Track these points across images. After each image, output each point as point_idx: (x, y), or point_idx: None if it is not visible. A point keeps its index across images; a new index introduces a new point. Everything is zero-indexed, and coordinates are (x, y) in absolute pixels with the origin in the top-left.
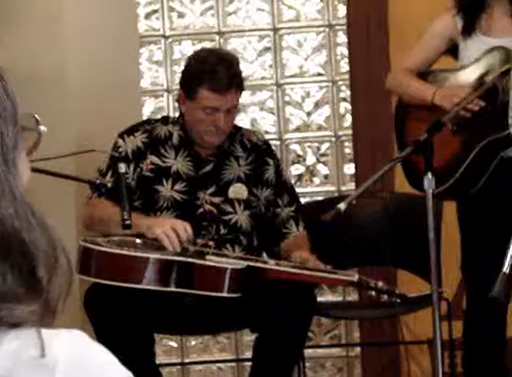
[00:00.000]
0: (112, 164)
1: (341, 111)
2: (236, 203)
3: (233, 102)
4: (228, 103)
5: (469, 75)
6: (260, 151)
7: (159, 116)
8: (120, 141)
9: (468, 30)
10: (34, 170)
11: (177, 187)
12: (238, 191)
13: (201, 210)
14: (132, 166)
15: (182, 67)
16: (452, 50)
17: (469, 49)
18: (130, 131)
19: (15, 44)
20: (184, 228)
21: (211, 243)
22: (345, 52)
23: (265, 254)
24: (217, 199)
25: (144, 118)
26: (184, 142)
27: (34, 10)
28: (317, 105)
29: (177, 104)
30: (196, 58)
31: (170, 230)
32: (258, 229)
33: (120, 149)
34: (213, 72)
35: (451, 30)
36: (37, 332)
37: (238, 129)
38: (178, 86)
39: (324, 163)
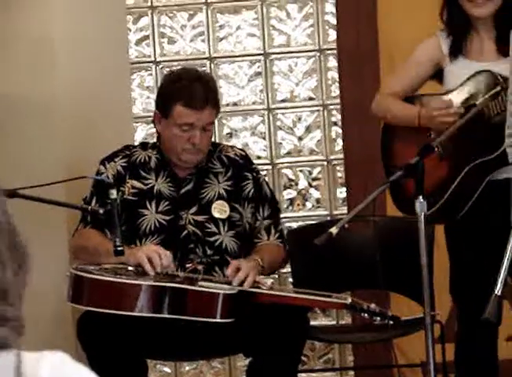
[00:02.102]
0: (95, 191)
1: (333, 135)
2: (220, 223)
3: (209, 119)
4: (203, 119)
5: (454, 100)
6: (238, 167)
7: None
8: (102, 168)
9: (454, 53)
10: (26, 197)
11: (160, 208)
12: (220, 208)
13: (185, 232)
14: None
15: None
16: (437, 75)
17: (454, 72)
18: (111, 157)
19: (5, 71)
20: (165, 254)
21: (200, 267)
22: (336, 76)
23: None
24: (200, 218)
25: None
26: (162, 164)
27: (25, 37)
28: (308, 130)
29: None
30: (171, 77)
31: (152, 254)
32: (245, 248)
33: (102, 176)
34: (188, 89)
35: (436, 54)
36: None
37: (215, 145)
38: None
39: (316, 187)
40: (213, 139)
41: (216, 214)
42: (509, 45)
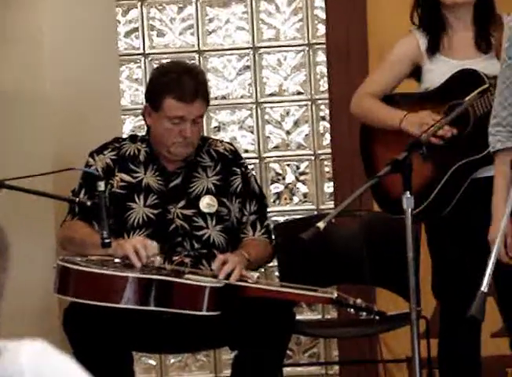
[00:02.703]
0: (84, 183)
1: (321, 129)
2: (208, 217)
3: (199, 112)
4: (194, 112)
5: (436, 98)
6: (227, 161)
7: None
8: (91, 160)
9: (432, 51)
10: (14, 188)
11: (148, 202)
12: (208, 203)
13: (173, 225)
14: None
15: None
16: (414, 73)
17: (433, 70)
18: (100, 150)
19: None
20: (151, 244)
21: (187, 260)
22: (325, 71)
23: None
24: (188, 212)
25: (125, 136)
26: (151, 158)
27: (13, 30)
28: (296, 124)
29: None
30: (161, 70)
31: (138, 246)
32: (232, 243)
33: (91, 168)
34: (179, 82)
35: (414, 52)
36: None
37: (204, 139)
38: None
39: (303, 182)
40: (202, 134)
41: (204, 209)
42: (487, 42)
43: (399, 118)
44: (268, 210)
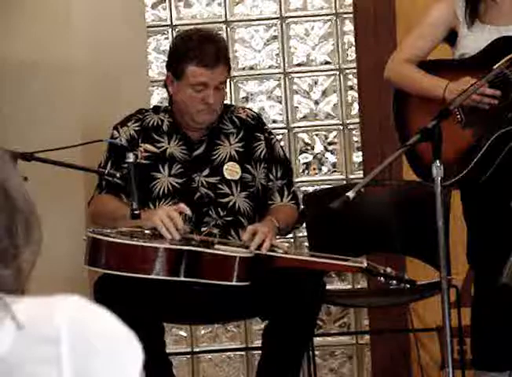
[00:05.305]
0: (110, 156)
1: (349, 99)
2: (233, 184)
3: (222, 78)
4: (216, 78)
5: (474, 65)
6: (249, 128)
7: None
8: (115, 133)
9: (470, 17)
10: (43, 160)
11: (173, 171)
12: (232, 169)
13: (198, 194)
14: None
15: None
16: (448, 38)
17: (470, 37)
18: (124, 122)
19: (22, 34)
20: (179, 212)
21: (216, 230)
22: (352, 40)
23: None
24: (212, 180)
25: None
26: (174, 127)
27: (42, 2)
28: (325, 94)
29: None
30: (182, 37)
31: (166, 217)
32: (258, 209)
33: (116, 141)
34: (200, 48)
35: (450, 17)
36: (5, 305)
37: (227, 106)
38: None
39: (332, 152)
40: (228, 102)
41: (228, 176)
42: None
43: (442, 87)
44: (297, 180)
